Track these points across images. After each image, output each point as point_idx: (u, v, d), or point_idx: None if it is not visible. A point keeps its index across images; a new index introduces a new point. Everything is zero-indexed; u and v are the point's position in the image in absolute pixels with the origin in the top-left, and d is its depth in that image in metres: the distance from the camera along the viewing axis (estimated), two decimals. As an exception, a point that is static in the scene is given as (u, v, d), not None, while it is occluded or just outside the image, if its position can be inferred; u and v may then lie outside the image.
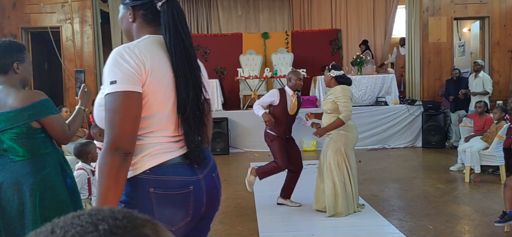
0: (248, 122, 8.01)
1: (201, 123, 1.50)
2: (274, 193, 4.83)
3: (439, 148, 7.65)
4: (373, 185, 5.21)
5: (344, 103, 3.83)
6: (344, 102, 3.83)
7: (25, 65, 2.20)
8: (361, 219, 3.90)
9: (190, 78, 1.45)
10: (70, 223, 0.49)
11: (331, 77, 4.00)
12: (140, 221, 0.51)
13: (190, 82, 1.45)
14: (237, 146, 8.00)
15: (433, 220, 3.86)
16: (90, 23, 8.32)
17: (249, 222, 3.96)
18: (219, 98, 8.24)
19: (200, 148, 1.49)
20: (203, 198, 1.47)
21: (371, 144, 7.94)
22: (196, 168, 1.47)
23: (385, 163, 6.58)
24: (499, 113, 5.36)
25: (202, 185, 1.48)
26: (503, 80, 8.61)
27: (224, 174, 6.14)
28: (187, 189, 1.43)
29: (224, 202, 4.68)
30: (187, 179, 1.44)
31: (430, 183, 5.24)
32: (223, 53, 9.88)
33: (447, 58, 8.65)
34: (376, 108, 8.10)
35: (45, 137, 2.15)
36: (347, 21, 10.71)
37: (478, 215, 3.99)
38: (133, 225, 0.50)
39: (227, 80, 9.59)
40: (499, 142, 5.21)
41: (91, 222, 0.49)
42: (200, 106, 1.50)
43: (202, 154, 1.50)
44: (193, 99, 1.45)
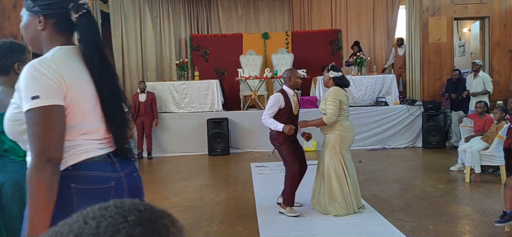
0: (248, 123, 8.01)
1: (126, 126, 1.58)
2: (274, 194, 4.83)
3: (439, 148, 7.65)
4: (374, 185, 5.21)
5: (330, 104, 3.87)
6: (331, 103, 3.87)
7: (26, 66, 2.19)
8: (362, 219, 3.91)
9: (112, 86, 1.51)
10: (100, 214, 0.53)
11: (330, 77, 4.03)
12: (159, 213, 0.56)
13: (112, 90, 1.51)
14: (238, 147, 8.00)
15: (433, 220, 3.86)
16: (91, 24, 8.34)
17: (249, 222, 3.97)
18: (219, 98, 8.25)
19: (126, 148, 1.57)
20: (125, 195, 1.51)
21: (371, 144, 7.94)
22: (118, 167, 1.52)
23: (385, 163, 6.58)
24: (499, 113, 5.36)
25: (124, 182, 1.52)
26: (503, 80, 8.61)
27: (224, 175, 6.16)
28: (108, 184, 1.47)
29: (224, 202, 4.70)
30: (108, 175, 1.48)
31: (431, 183, 5.24)
32: (223, 54, 9.88)
33: (447, 58, 8.65)
34: (376, 108, 8.10)
35: None
36: (347, 21, 10.72)
37: (478, 215, 3.99)
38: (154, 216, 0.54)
39: (227, 80, 9.59)
40: (499, 142, 5.21)
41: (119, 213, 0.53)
42: (123, 111, 1.56)
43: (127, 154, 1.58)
44: (116, 104, 1.52)
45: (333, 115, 3.86)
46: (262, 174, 6.03)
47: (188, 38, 10.17)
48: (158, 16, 10.15)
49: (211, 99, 8.21)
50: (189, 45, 10.07)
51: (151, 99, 7.83)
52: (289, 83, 4.15)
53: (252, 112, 8.28)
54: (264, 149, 7.79)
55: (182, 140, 7.94)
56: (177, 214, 4.31)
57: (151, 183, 5.86)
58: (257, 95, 8.55)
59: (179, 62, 8.84)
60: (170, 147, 7.98)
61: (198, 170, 6.67)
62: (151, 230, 0.52)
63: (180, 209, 4.49)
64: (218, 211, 4.38)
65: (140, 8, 9.80)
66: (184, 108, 8.26)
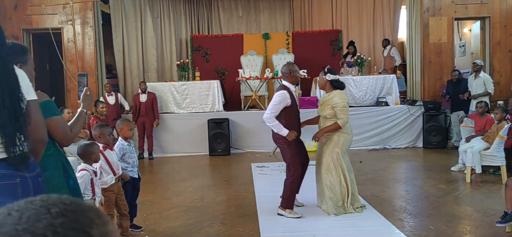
0: (249, 123, 8.02)
1: (20, 130, 1.60)
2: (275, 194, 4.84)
3: (440, 148, 7.66)
4: (374, 185, 5.21)
5: (342, 109, 3.86)
6: (342, 107, 3.86)
7: (28, 67, 2.19)
8: (363, 219, 3.91)
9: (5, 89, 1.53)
10: (24, 207, 0.55)
11: (327, 80, 3.99)
12: (84, 207, 0.58)
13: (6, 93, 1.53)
14: (238, 147, 8.01)
15: (434, 220, 3.86)
16: (92, 25, 8.35)
17: (250, 222, 3.97)
18: (220, 99, 8.25)
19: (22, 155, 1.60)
20: (31, 194, 1.55)
21: (372, 145, 7.95)
22: (22, 168, 1.59)
23: (386, 164, 6.59)
24: (500, 113, 5.36)
25: (29, 182, 1.59)
26: (504, 80, 8.61)
27: (225, 175, 6.16)
28: (14, 181, 1.55)
29: (225, 203, 4.71)
30: (13, 172, 1.56)
31: (431, 184, 5.24)
32: (224, 54, 9.89)
33: (447, 59, 8.65)
34: (377, 108, 8.11)
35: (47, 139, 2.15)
36: (347, 21, 10.71)
37: (479, 215, 3.99)
38: (79, 209, 0.56)
39: (228, 81, 9.61)
40: (500, 142, 5.22)
41: (43, 206, 0.55)
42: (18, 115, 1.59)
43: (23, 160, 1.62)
44: (9, 108, 1.54)
45: (347, 119, 3.89)
46: (263, 174, 6.04)
47: (189, 39, 10.18)
48: (158, 16, 10.15)
49: (212, 100, 8.22)
50: (189, 46, 10.08)
51: (152, 99, 7.84)
52: (290, 78, 4.06)
53: (252, 113, 8.29)
54: (265, 150, 7.80)
55: (183, 140, 7.95)
56: (178, 214, 4.32)
57: (152, 183, 5.86)
58: (257, 96, 8.55)
59: (180, 63, 8.85)
60: (171, 147, 7.99)
61: (199, 171, 6.68)
62: (73, 221, 0.54)
63: (181, 209, 4.50)
64: (219, 212, 4.38)
65: (141, 9, 9.81)
66: (185, 109, 8.27)
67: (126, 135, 3.68)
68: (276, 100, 3.91)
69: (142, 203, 4.56)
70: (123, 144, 3.66)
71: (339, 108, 3.86)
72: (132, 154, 3.71)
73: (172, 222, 4.07)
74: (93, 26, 8.35)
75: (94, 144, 3.05)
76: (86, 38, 8.38)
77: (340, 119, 3.86)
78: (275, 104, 3.91)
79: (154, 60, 9.96)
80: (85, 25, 8.37)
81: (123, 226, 3.55)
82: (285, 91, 3.95)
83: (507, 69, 8.67)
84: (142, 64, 9.78)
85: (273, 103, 3.94)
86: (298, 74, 4.13)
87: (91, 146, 2.93)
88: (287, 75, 4.08)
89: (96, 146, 3.03)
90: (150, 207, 4.61)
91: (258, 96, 8.58)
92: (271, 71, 8.58)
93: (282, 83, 4.12)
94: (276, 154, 7.55)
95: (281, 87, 4.06)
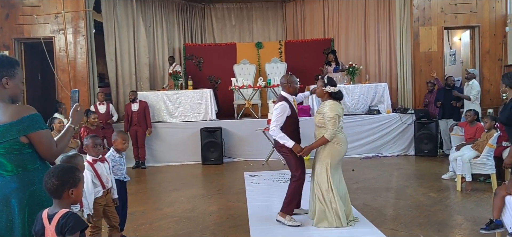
0: (242, 132, 8.03)
1: None
2: (267, 203, 4.84)
3: (431, 156, 7.71)
4: (366, 194, 5.22)
5: (330, 120, 3.82)
6: (331, 118, 3.81)
7: (15, 81, 2.18)
8: (354, 229, 3.91)
9: None
10: None
11: (326, 92, 3.98)
12: None
13: None
14: (231, 156, 8.00)
15: (425, 229, 3.88)
16: (84, 34, 8.33)
17: (241, 232, 3.96)
18: (212, 107, 8.25)
19: None
20: None
21: (364, 153, 7.98)
22: None
23: (378, 172, 6.61)
24: (489, 122, 5.41)
25: None
26: (493, 88, 8.71)
27: (217, 185, 6.15)
28: None
29: (216, 212, 4.69)
30: None
31: (422, 192, 5.27)
32: (217, 63, 9.92)
33: (438, 67, 8.74)
34: (369, 116, 8.16)
35: (33, 152, 2.14)
36: (339, 30, 10.80)
37: (469, 224, 4.02)
38: None
39: (221, 89, 9.62)
40: (490, 151, 5.26)
41: None
42: None
43: None
44: None
45: (334, 132, 3.84)
46: (255, 184, 6.03)
47: (182, 48, 10.19)
48: (151, 25, 10.17)
49: (205, 108, 8.22)
50: (182, 55, 10.10)
51: (144, 108, 7.82)
52: (288, 89, 4.10)
53: (246, 121, 8.30)
54: (258, 158, 7.80)
55: (176, 149, 7.92)
56: (169, 225, 4.30)
57: (144, 193, 5.83)
58: (250, 104, 8.57)
59: (173, 72, 8.85)
60: (163, 156, 7.96)
61: (191, 180, 6.65)
62: None
63: (172, 220, 4.47)
64: (210, 222, 4.36)
65: (134, 18, 9.82)
66: (178, 118, 8.26)
67: (119, 148, 3.67)
68: (277, 112, 3.97)
69: (134, 214, 4.54)
70: (114, 155, 3.64)
71: (327, 118, 3.85)
72: (121, 167, 3.69)
73: (162, 233, 4.05)
74: (86, 35, 8.33)
75: (78, 155, 3.03)
76: (78, 47, 8.36)
77: (327, 131, 3.84)
78: (278, 116, 3.96)
79: (147, 69, 9.95)
80: (77, 34, 8.35)
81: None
82: (284, 102, 4.00)
83: (497, 77, 8.76)
84: (134, 73, 9.77)
85: (275, 116, 3.98)
86: (296, 84, 4.17)
87: (74, 158, 2.90)
88: (285, 85, 4.12)
89: (80, 157, 3.00)
90: (141, 218, 4.58)
91: (251, 105, 8.60)
92: (264, 80, 8.61)
93: (281, 93, 4.17)
94: (269, 163, 7.56)
95: (280, 98, 4.10)
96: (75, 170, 2.02)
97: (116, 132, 3.85)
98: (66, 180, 1.92)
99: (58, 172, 1.94)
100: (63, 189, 1.91)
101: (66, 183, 1.92)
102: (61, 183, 1.91)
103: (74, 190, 1.94)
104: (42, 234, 1.92)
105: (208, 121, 8.12)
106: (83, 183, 2.04)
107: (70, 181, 1.93)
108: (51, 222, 1.89)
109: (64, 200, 1.93)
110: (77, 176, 1.98)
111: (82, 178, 2.02)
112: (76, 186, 1.96)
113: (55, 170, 1.96)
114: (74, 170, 2.01)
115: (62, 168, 1.99)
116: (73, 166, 2.09)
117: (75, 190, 1.95)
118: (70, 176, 1.95)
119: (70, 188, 1.93)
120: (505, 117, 3.85)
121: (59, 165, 2.06)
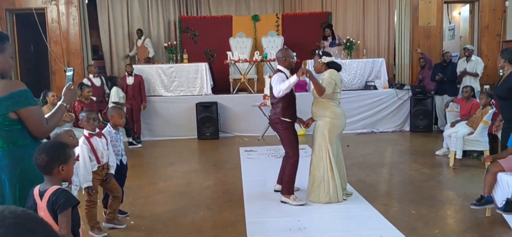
0: (238, 107, 8.00)
1: None
2: (262, 179, 4.87)
3: (426, 132, 7.74)
4: (361, 170, 5.27)
5: (327, 84, 3.82)
6: (327, 83, 3.83)
7: (4, 55, 2.14)
8: (347, 204, 3.96)
9: None
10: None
11: (323, 63, 3.97)
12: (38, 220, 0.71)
13: None
14: (227, 131, 8.00)
15: (416, 205, 3.93)
16: (76, 5, 8.16)
17: (236, 208, 3.99)
18: (208, 81, 8.19)
19: None
20: None
21: (360, 128, 8.00)
22: None
23: (373, 148, 6.65)
24: (485, 99, 5.41)
25: None
26: (491, 64, 8.67)
27: (212, 160, 6.17)
28: None
29: (212, 187, 4.72)
30: None
31: (416, 168, 5.31)
32: (213, 36, 9.77)
33: (436, 42, 8.68)
34: (366, 92, 8.13)
35: (23, 128, 2.12)
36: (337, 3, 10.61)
37: (460, 199, 4.07)
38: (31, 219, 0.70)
39: (216, 63, 9.51)
40: (484, 128, 5.29)
41: None
42: None
43: None
44: None
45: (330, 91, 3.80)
46: (250, 159, 6.06)
47: (177, 20, 10.02)
48: (146, -3, 9.95)
49: (200, 83, 8.16)
50: (178, 27, 9.93)
51: (139, 82, 7.76)
52: (284, 63, 4.04)
53: (241, 96, 8.26)
54: (254, 133, 7.81)
55: (171, 124, 7.91)
56: (165, 199, 4.33)
57: (140, 167, 5.85)
58: (246, 79, 8.51)
59: (168, 45, 8.74)
60: (159, 130, 7.96)
61: (187, 155, 6.67)
62: None
63: (167, 195, 4.50)
64: (205, 197, 4.40)
65: (128, -11, 9.60)
66: (173, 92, 8.21)
67: (116, 123, 3.65)
68: (276, 79, 3.90)
69: (129, 188, 4.55)
70: (110, 131, 3.62)
71: (325, 83, 3.84)
72: (118, 143, 3.68)
73: (158, 208, 4.08)
74: (78, 6, 8.17)
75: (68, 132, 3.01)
76: (71, 18, 8.21)
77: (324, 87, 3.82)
78: (278, 82, 3.86)
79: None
80: (69, 5, 8.18)
81: (113, 207, 3.55)
82: (281, 72, 3.98)
83: (495, 53, 8.72)
84: (128, 46, 9.63)
85: (275, 82, 3.89)
86: (293, 59, 4.11)
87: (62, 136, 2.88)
88: (281, 60, 4.07)
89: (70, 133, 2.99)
90: (137, 192, 4.61)
91: (247, 79, 8.54)
92: (260, 54, 8.51)
93: (277, 68, 4.12)
94: (265, 138, 7.58)
95: (276, 71, 4.08)
96: (65, 146, 2.00)
97: (111, 107, 3.82)
98: (57, 157, 1.91)
99: (48, 148, 1.93)
100: (53, 165, 1.90)
101: (57, 160, 1.91)
102: (51, 159, 1.90)
103: (65, 166, 1.93)
104: (34, 210, 1.92)
105: (203, 95, 8.07)
106: (74, 160, 2.03)
107: (60, 157, 1.92)
108: (43, 199, 1.89)
109: (54, 176, 1.93)
110: (67, 152, 1.97)
111: (72, 155, 2.01)
112: (67, 162, 1.94)
113: (46, 146, 1.95)
114: (65, 147, 1.99)
115: (53, 144, 1.97)
116: (63, 143, 2.07)
117: (66, 167, 1.94)
118: (61, 153, 1.93)
119: (60, 165, 1.92)
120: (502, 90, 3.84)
121: (49, 141, 2.04)
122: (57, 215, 1.84)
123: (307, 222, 3.56)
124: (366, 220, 3.60)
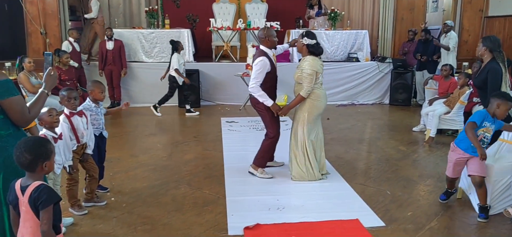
0: (220, 75, 7.93)
1: None
2: (242, 153, 4.92)
3: (405, 106, 7.90)
4: (339, 146, 5.38)
5: (307, 76, 3.82)
6: (308, 75, 3.81)
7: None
8: (325, 183, 4.06)
9: None
10: None
11: (303, 44, 3.94)
12: None
13: None
14: (209, 99, 7.97)
15: (392, 184, 4.07)
16: (51, -38, 7.75)
17: (216, 184, 4.05)
18: (190, 48, 8.05)
19: None
20: None
21: (340, 100, 8.09)
22: None
23: (352, 122, 6.76)
24: (463, 79, 5.52)
25: None
26: (472, 40, 8.78)
27: (194, 131, 6.17)
28: None
29: (192, 161, 4.75)
30: None
31: (393, 145, 5.46)
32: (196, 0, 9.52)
33: (419, 15, 8.69)
34: (347, 64, 8.17)
35: (5, 118, 2.10)
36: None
37: (433, 180, 4.23)
38: None
39: (199, 29, 9.32)
40: (460, 107, 5.43)
41: None
42: None
43: None
44: None
45: (310, 89, 3.85)
46: (232, 131, 6.09)
47: (159, -18, 9.66)
48: (125, -45, 9.51)
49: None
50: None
51: (119, 47, 7.56)
52: (267, 43, 4.03)
53: (224, 64, 8.18)
54: (235, 102, 7.81)
55: (152, 90, 7.79)
56: (145, 173, 4.34)
57: (119, 138, 5.81)
58: (229, 46, 8.40)
59: (149, 9, 8.47)
60: (139, 97, 7.85)
61: (167, 125, 6.64)
62: None
63: (148, 168, 4.52)
64: (186, 172, 4.43)
65: None
66: (154, 58, 8.05)
67: (97, 98, 3.59)
68: (257, 69, 3.92)
69: (109, 161, 4.54)
70: (90, 105, 3.56)
71: (305, 74, 3.85)
72: (99, 116, 3.63)
73: (138, 183, 4.10)
74: (53, -36, 7.75)
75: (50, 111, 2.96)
76: (46, -23, 7.81)
77: (303, 88, 3.86)
78: (258, 73, 3.92)
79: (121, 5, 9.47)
80: (44, -38, 7.76)
81: (90, 188, 3.56)
82: (264, 57, 3.95)
83: (476, 28, 8.82)
84: (107, 9, 9.28)
85: (255, 72, 3.94)
86: (275, 38, 4.09)
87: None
88: (263, 39, 4.05)
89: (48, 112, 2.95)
90: (117, 164, 4.60)
91: (230, 47, 8.43)
92: (243, 22, 8.37)
93: (260, 48, 4.08)
94: (247, 108, 7.59)
95: (259, 53, 4.02)
96: (47, 142, 1.97)
97: (91, 82, 3.73)
98: (40, 154, 1.88)
99: (30, 146, 1.88)
100: (37, 163, 1.88)
101: (40, 157, 1.88)
102: (35, 157, 1.87)
103: (47, 162, 1.91)
104: (16, 204, 1.91)
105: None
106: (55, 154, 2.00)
107: (43, 154, 1.89)
108: (24, 194, 1.87)
109: (37, 173, 1.91)
110: (49, 148, 1.94)
111: (53, 149, 1.98)
112: (49, 158, 1.92)
113: (27, 144, 1.90)
114: (46, 143, 1.96)
115: (34, 142, 1.93)
116: (44, 139, 2.03)
117: (48, 163, 1.92)
118: (43, 150, 1.90)
119: (43, 161, 1.89)
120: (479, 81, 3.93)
121: (29, 138, 2.00)
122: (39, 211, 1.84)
123: (286, 201, 3.66)
124: (344, 200, 3.72)
